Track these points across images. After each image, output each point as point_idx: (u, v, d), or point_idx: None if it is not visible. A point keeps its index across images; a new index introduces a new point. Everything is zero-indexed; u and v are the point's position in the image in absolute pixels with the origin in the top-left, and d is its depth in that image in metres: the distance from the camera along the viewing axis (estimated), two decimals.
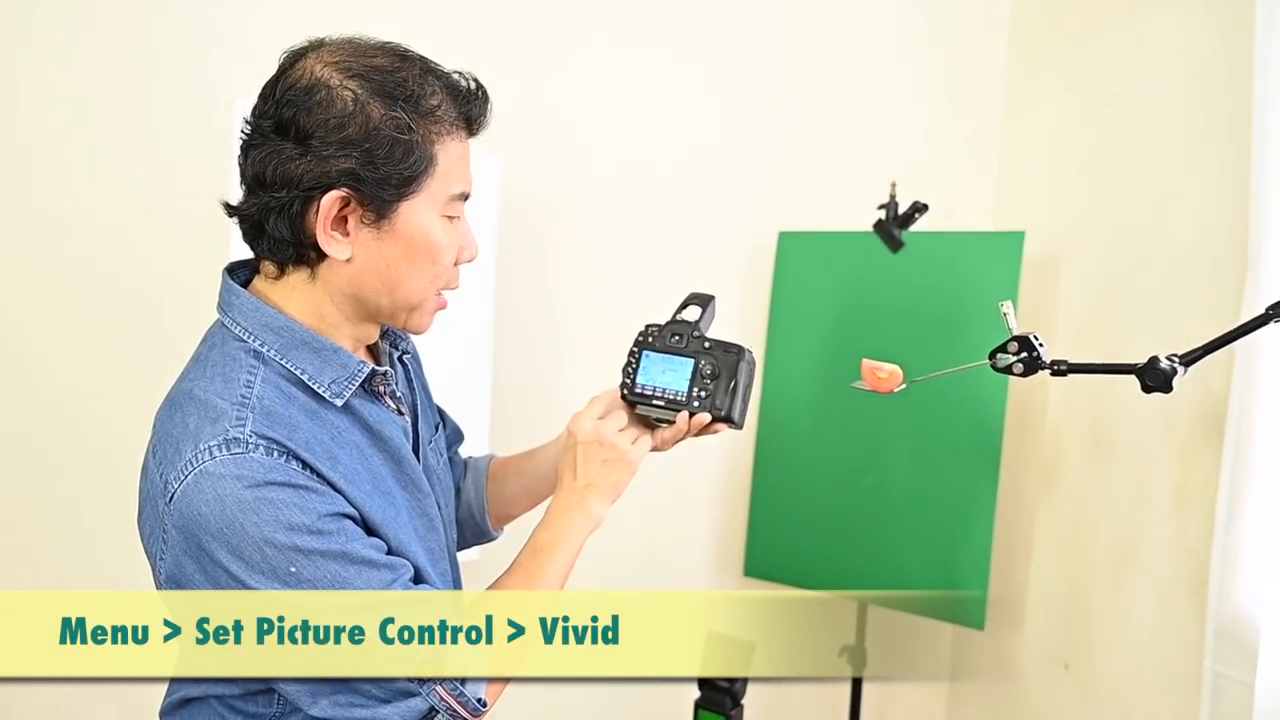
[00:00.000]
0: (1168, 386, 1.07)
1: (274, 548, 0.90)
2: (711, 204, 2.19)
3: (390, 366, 1.12)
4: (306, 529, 0.91)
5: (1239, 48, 1.64)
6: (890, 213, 1.99)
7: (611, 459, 1.13)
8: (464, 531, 1.29)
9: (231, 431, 0.92)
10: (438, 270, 1.01)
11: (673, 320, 1.19)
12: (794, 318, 2.08)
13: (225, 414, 0.93)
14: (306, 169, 0.93)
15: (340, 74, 0.95)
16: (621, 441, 1.14)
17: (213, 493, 0.90)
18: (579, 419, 1.15)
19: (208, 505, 0.90)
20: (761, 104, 2.20)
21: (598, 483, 1.12)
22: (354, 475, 0.98)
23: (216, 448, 0.91)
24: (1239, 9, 1.63)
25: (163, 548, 0.94)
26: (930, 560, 1.93)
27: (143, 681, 0.98)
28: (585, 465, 1.13)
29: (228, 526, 0.90)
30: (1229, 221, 1.66)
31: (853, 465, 2.00)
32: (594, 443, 1.13)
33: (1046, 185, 2.15)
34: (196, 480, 0.91)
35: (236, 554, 0.90)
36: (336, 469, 0.96)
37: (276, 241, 0.97)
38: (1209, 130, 1.76)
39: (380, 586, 0.94)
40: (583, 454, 1.13)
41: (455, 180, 1.00)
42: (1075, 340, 1.96)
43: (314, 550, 0.91)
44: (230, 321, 1.00)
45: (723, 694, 1.60)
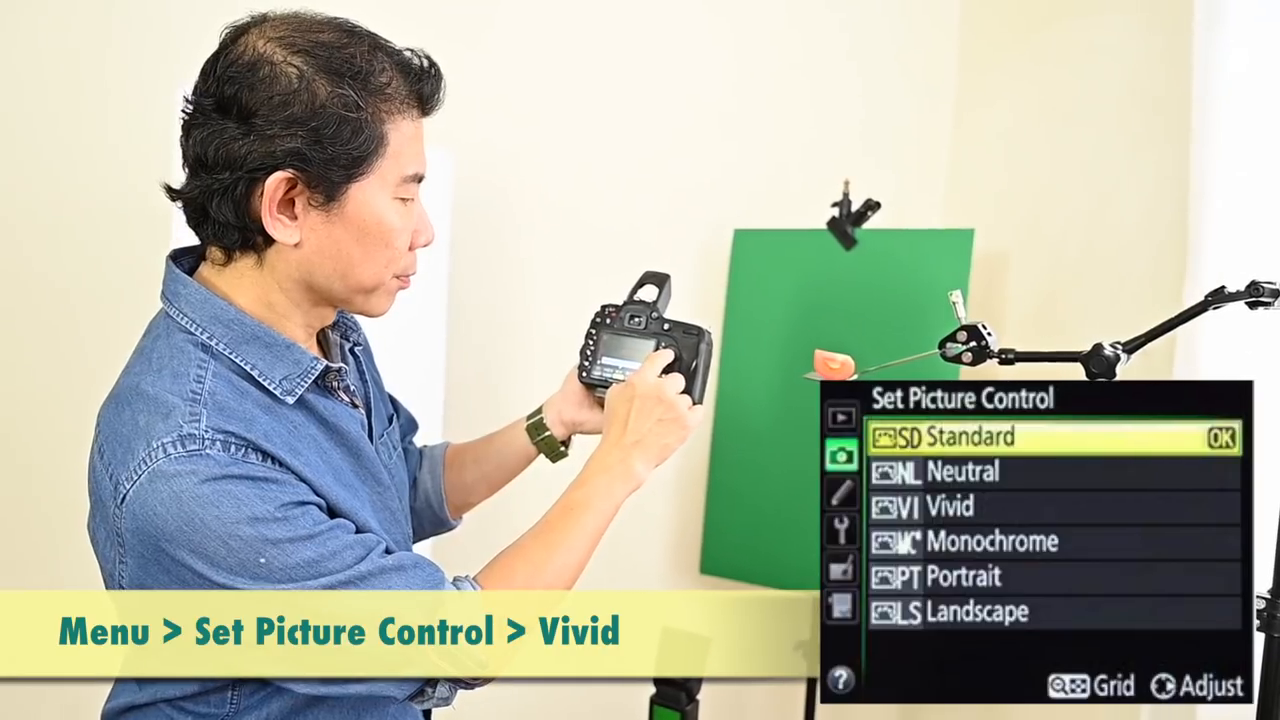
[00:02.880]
0: (1111, 373, 1.08)
1: (239, 540, 0.87)
2: (666, 201, 2.19)
3: (341, 358, 1.09)
4: (271, 518, 0.88)
5: (1178, 49, 1.68)
6: (843, 210, 2.01)
7: (668, 419, 1.08)
8: (422, 521, 1.27)
9: (186, 428, 0.88)
10: (392, 255, 0.98)
11: (630, 300, 1.17)
12: (749, 314, 2.09)
13: (177, 409, 0.89)
14: (250, 149, 0.90)
15: (284, 50, 0.91)
16: (681, 403, 1.09)
17: (168, 491, 0.86)
18: (641, 373, 1.11)
19: (164, 505, 0.86)
20: (716, 103, 2.20)
21: (648, 440, 1.08)
22: (316, 466, 0.95)
23: (170, 445, 0.87)
24: (1178, 11, 1.68)
25: (120, 553, 0.91)
26: None
27: (144, 681, 0.96)
28: (639, 420, 1.08)
29: (187, 525, 0.86)
30: (1169, 217, 1.70)
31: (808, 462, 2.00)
32: (654, 398, 1.08)
33: (994, 184, 2.19)
34: (150, 480, 0.87)
35: (199, 553, 0.87)
36: (298, 457, 0.93)
37: (221, 226, 0.93)
38: (1150, 129, 1.81)
39: (354, 562, 0.91)
40: (639, 408, 1.08)
41: (408, 161, 0.97)
42: (1024, 333, 1.99)
43: (281, 539, 0.88)
44: (176, 312, 0.96)
45: (678, 689, 1.59)
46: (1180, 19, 1.66)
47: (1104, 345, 1.10)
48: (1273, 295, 1.03)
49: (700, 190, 2.20)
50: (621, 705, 1.85)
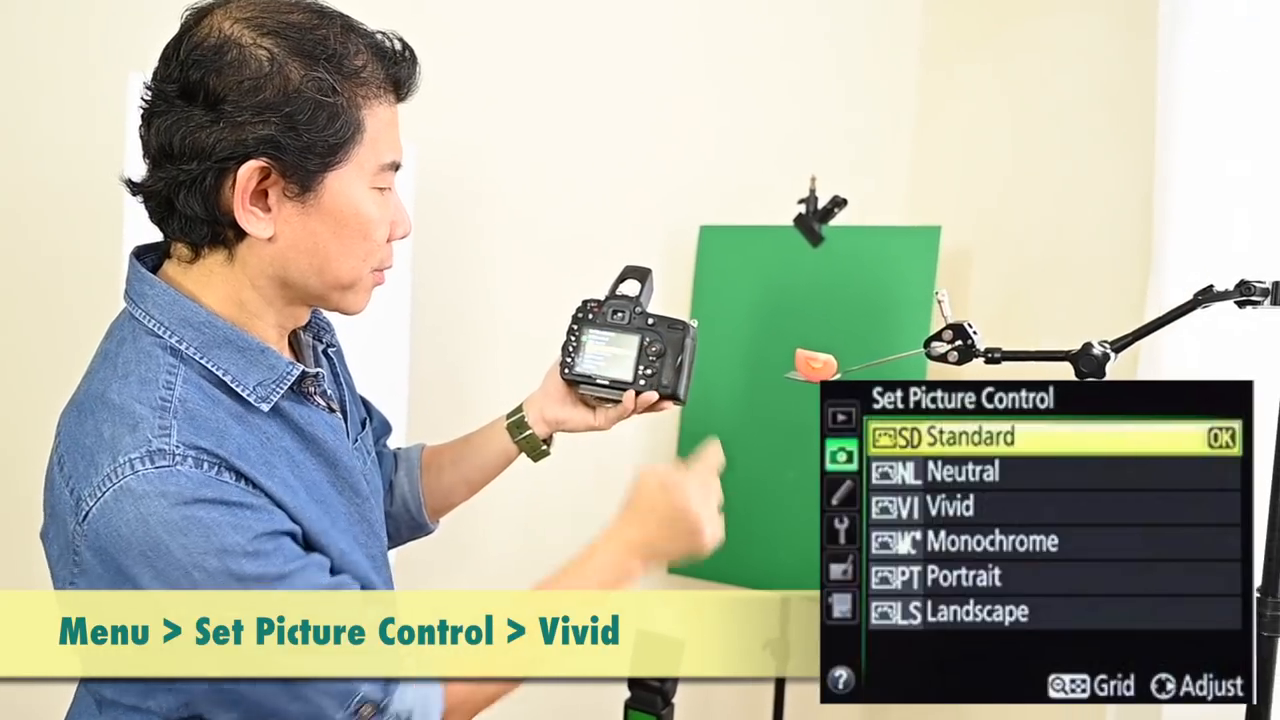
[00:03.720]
0: (1100, 372, 1.08)
1: (204, 572, 0.82)
2: (633, 197, 2.19)
3: (315, 360, 1.05)
4: (241, 551, 0.83)
5: (1143, 49, 1.70)
6: (810, 207, 2.01)
7: (694, 546, 1.09)
8: (399, 526, 1.23)
9: (155, 442, 0.83)
10: (370, 247, 0.94)
11: (611, 295, 1.15)
12: (716, 311, 2.09)
13: (145, 421, 0.84)
14: (219, 137, 0.85)
15: (253, 31, 0.86)
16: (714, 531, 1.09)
17: (135, 512, 0.82)
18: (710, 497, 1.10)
19: (129, 526, 0.82)
20: (683, 99, 2.20)
21: (661, 556, 1.09)
22: (289, 484, 0.91)
23: (139, 460, 0.83)
24: (1143, 11, 1.70)
25: (74, 570, 0.87)
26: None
27: (143, 681, 0.93)
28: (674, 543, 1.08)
29: (152, 549, 0.82)
30: (1133, 214, 1.73)
31: (775, 458, 2.01)
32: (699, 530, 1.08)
33: (959, 181, 2.21)
34: (116, 498, 0.82)
35: (162, 578, 0.83)
36: (273, 476, 0.89)
37: (189, 220, 0.88)
38: (1114, 128, 1.83)
39: None
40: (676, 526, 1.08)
41: (385, 148, 0.93)
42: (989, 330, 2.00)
43: (249, 576, 0.84)
44: (142, 314, 0.91)
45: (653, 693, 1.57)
46: (1144, 18, 1.69)
47: (1093, 344, 1.09)
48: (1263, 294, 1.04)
49: (667, 187, 2.20)
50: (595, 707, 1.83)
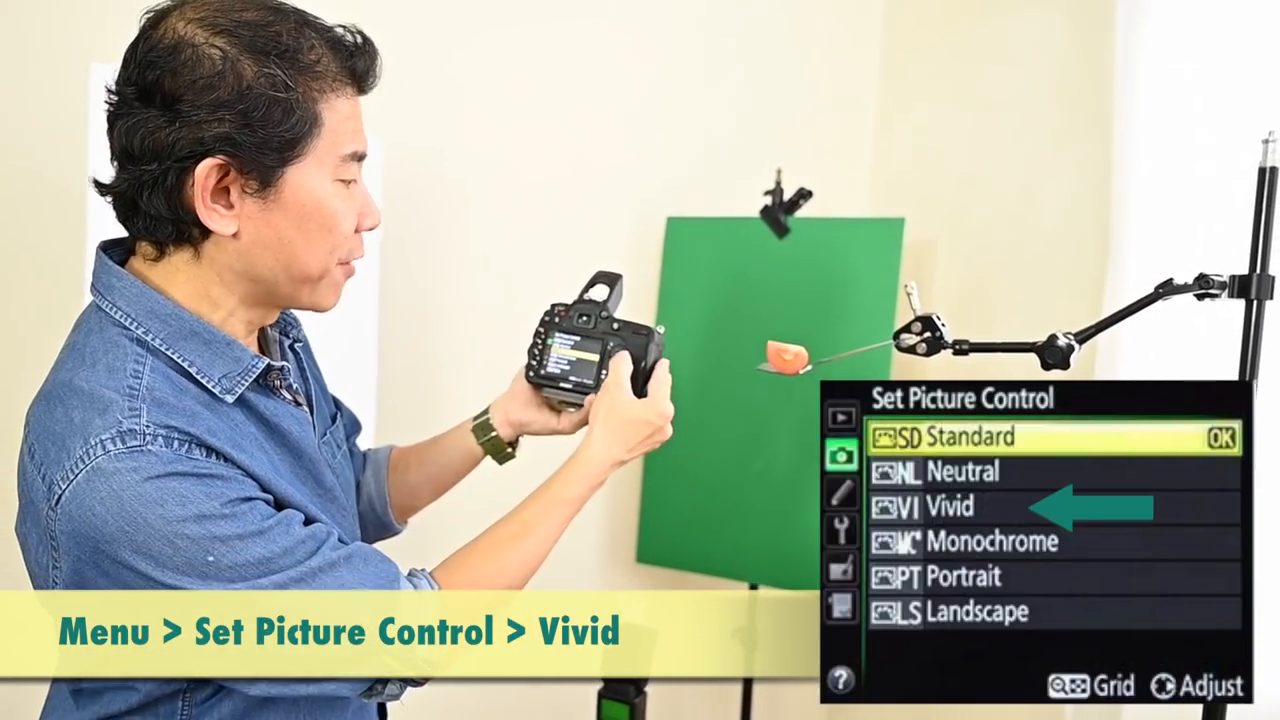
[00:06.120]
0: (1065, 363, 1.10)
1: (185, 539, 0.83)
2: (600, 188, 2.17)
3: (281, 355, 1.05)
4: (217, 514, 0.85)
5: (1101, 42, 1.73)
6: (776, 199, 2.01)
7: (657, 439, 1.12)
8: (365, 526, 1.22)
9: (126, 423, 0.84)
10: (336, 240, 0.94)
11: (580, 300, 1.16)
12: (682, 302, 2.08)
13: (115, 404, 0.85)
14: (177, 137, 0.86)
15: (206, 31, 0.87)
16: (668, 420, 1.13)
17: (108, 490, 0.82)
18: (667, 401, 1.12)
19: (103, 505, 0.82)
20: (649, 93, 2.19)
21: (634, 455, 1.12)
22: (261, 463, 0.92)
23: (110, 441, 0.83)
24: (1101, 7, 1.73)
25: (54, 557, 0.86)
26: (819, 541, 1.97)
27: (143, 681, 0.93)
28: (637, 440, 1.11)
29: (129, 525, 0.82)
30: (1092, 208, 1.76)
31: (742, 449, 2.02)
32: (652, 423, 1.11)
33: (922, 173, 2.23)
34: (89, 479, 0.83)
35: (143, 552, 0.83)
36: (243, 451, 0.90)
37: (153, 219, 0.89)
38: (1073, 121, 1.86)
39: (306, 557, 0.89)
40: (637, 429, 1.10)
41: (345, 140, 0.93)
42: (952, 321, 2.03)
43: (229, 535, 0.85)
44: (109, 306, 0.91)
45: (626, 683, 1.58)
46: (1102, 14, 1.72)
47: (1058, 336, 1.11)
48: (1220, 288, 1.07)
49: (633, 178, 2.19)
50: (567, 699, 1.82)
